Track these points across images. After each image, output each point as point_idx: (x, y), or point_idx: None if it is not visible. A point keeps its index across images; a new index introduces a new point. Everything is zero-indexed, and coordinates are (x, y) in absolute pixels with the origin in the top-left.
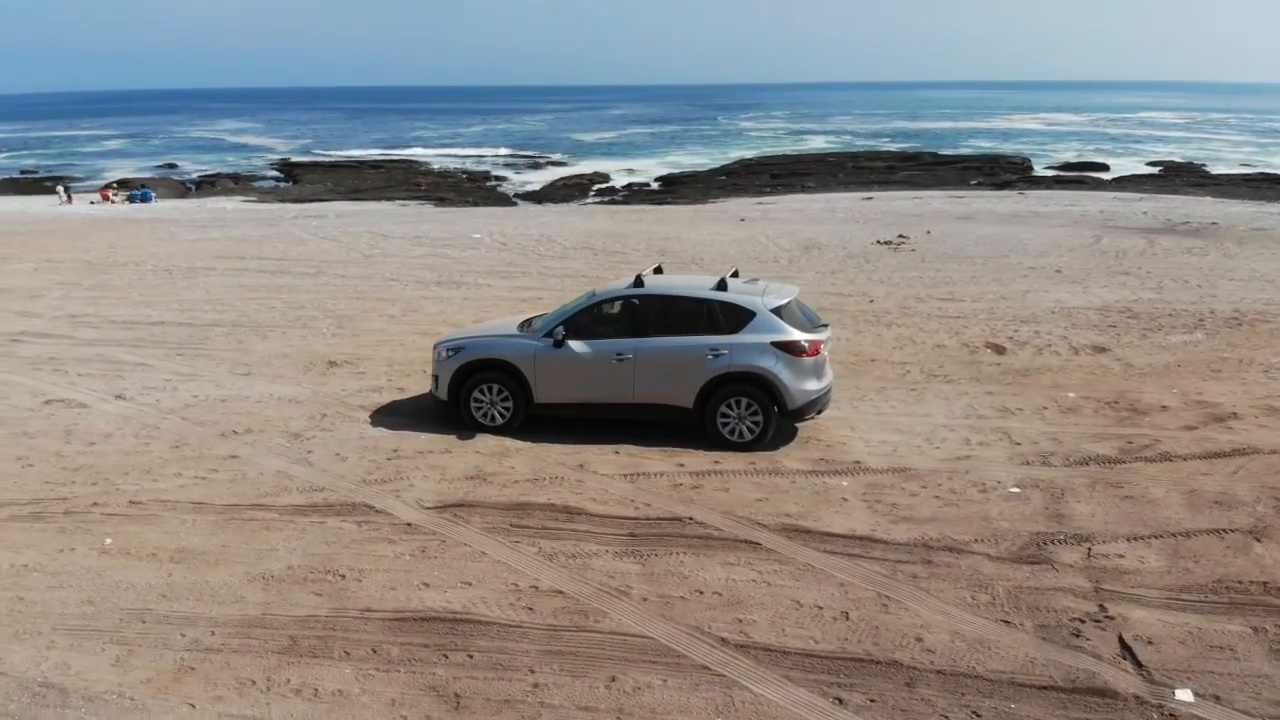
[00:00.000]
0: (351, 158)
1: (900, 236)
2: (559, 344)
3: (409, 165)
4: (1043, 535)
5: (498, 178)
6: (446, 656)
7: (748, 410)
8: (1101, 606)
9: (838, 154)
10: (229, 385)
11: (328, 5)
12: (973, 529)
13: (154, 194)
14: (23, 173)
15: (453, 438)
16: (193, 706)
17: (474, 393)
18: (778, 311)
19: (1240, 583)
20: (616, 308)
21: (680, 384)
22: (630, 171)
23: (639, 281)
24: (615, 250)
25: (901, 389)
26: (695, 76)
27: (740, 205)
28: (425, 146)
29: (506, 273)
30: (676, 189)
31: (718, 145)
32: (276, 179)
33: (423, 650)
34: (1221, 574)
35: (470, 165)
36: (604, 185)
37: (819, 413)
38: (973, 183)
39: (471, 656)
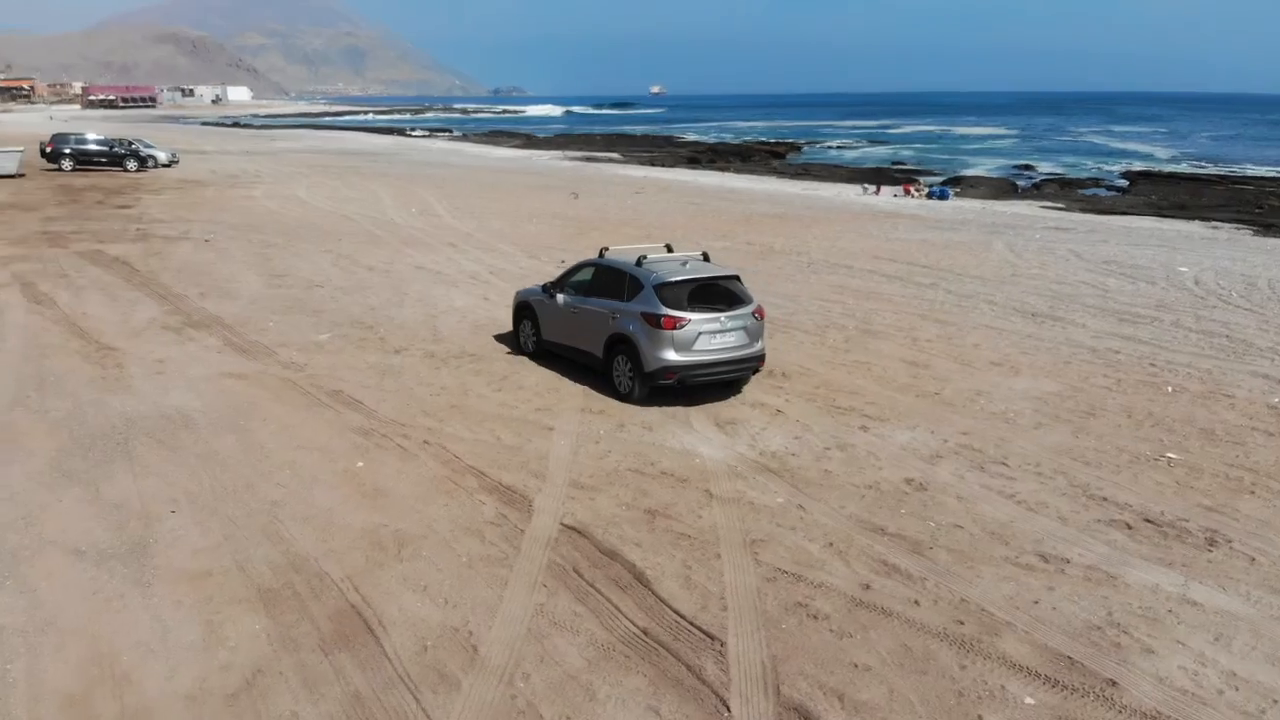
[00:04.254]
0: (1211, 172)
1: None
2: (550, 296)
3: None
4: None
5: None
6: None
7: (627, 367)
8: None
9: None
10: None
11: None
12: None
13: (952, 192)
14: (894, 164)
15: (701, 464)
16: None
17: (520, 325)
18: (661, 287)
19: None
20: (583, 273)
21: (595, 337)
22: None
23: (601, 253)
24: None
25: None
26: None
27: None
28: None
29: (1134, 318)
30: None
31: None
32: (1108, 188)
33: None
34: None
35: None
36: None
37: (685, 385)
38: None
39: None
